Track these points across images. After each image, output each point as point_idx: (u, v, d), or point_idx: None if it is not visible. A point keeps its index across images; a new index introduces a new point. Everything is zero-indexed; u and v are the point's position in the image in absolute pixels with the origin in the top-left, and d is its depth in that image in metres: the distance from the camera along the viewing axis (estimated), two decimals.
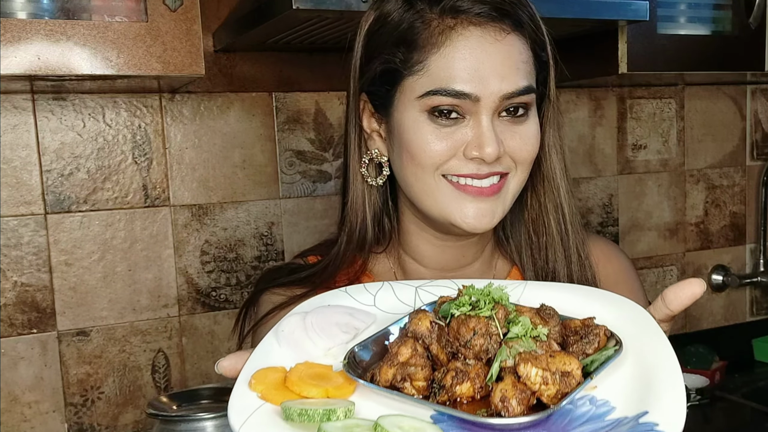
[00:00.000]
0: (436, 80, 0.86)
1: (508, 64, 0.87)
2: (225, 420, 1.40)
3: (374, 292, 0.80)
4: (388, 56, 0.89)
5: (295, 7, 1.22)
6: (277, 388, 0.65)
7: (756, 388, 2.08)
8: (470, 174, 0.88)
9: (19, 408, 1.55)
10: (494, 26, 0.87)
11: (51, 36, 1.22)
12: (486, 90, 0.86)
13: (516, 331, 0.65)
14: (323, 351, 0.72)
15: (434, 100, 0.87)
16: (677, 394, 0.61)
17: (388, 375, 0.66)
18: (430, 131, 0.88)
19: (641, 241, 2.16)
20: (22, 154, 1.52)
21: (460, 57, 0.86)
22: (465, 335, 0.66)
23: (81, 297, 1.58)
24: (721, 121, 2.24)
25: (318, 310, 0.76)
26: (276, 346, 0.70)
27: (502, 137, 0.88)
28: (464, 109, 0.87)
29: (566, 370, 0.62)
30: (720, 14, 1.81)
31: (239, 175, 1.69)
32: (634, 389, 0.63)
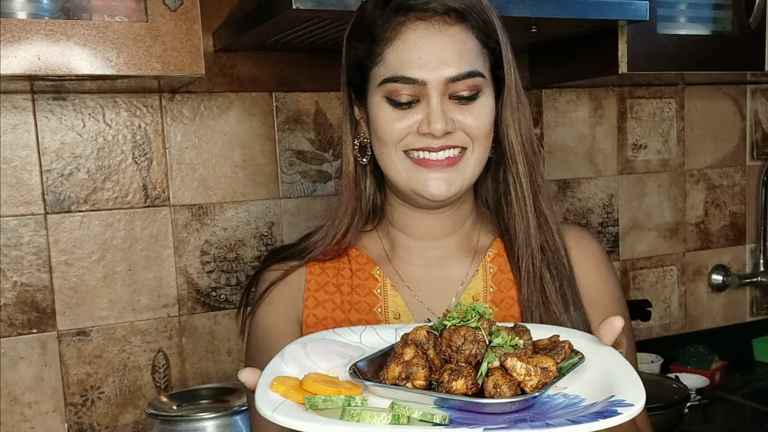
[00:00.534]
0: (391, 69, 0.99)
1: (451, 51, 0.98)
2: (225, 420, 1.41)
3: (359, 333, 0.94)
4: (356, 51, 1.04)
5: (295, 7, 1.23)
6: (295, 389, 0.76)
7: (756, 388, 2.08)
8: (423, 147, 1.00)
9: (19, 408, 1.55)
10: (438, 19, 0.99)
11: (51, 36, 1.22)
12: (432, 75, 0.98)
13: (498, 341, 0.79)
14: (324, 371, 0.83)
15: (390, 87, 1.00)
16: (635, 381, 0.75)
17: (395, 372, 0.78)
18: (389, 112, 1.01)
19: (641, 241, 2.16)
20: (22, 154, 1.52)
21: (408, 48, 0.99)
22: (456, 342, 0.78)
23: (81, 297, 1.58)
24: (721, 121, 2.24)
25: (316, 340, 0.88)
26: (283, 365, 0.82)
27: (452, 116, 1.00)
28: (417, 93, 0.99)
29: (545, 365, 0.76)
30: (720, 14, 1.81)
31: (239, 175, 1.69)
32: (599, 385, 0.77)
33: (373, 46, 1.01)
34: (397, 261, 1.12)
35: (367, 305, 1.10)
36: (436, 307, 1.09)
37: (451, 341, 0.79)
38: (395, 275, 1.11)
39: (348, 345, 0.90)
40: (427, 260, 1.11)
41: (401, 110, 1.00)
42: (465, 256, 1.12)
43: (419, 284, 1.10)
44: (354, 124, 1.10)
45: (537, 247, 1.06)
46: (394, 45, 0.99)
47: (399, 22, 0.99)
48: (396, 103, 1.00)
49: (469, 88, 1.00)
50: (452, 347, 0.79)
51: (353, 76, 1.06)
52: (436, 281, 1.10)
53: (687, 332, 2.24)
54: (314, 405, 0.73)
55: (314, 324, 1.10)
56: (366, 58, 1.02)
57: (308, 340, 0.89)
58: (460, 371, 0.76)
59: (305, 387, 0.77)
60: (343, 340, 0.91)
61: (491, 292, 1.10)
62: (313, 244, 1.12)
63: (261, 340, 1.10)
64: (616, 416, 0.69)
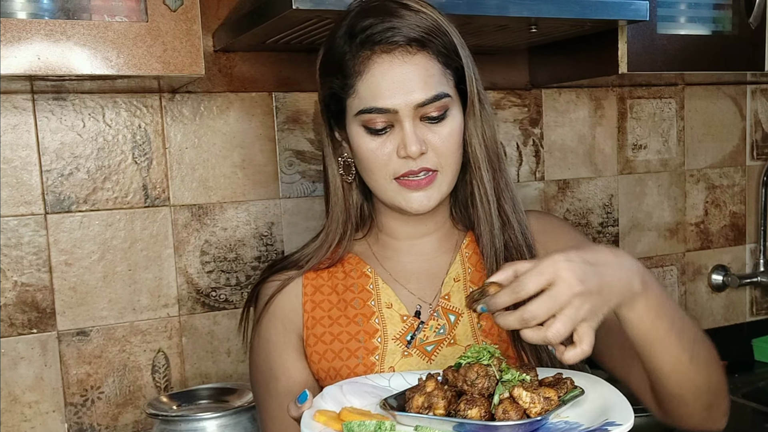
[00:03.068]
0: (363, 101, 1.07)
1: (416, 79, 1.06)
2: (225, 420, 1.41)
3: (388, 378, 1.06)
4: (330, 83, 1.12)
5: (295, 7, 1.22)
6: (334, 420, 0.90)
7: (756, 388, 2.08)
8: (408, 172, 1.08)
9: (19, 408, 1.55)
10: (401, 50, 1.06)
11: (51, 36, 1.22)
12: (401, 102, 1.06)
13: (508, 377, 0.90)
14: (358, 407, 0.96)
15: (364, 117, 1.08)
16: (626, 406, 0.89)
17: (419, 402, 0.90)
18: (368, 141, 1.09)
19: (641, 241, 2.16)
20: (22, 154, 1.52)
21: (376, 81, 1.06)
22: (471, 377, 0.90)
23: (81, 297, 1.58)
24: (721, 121, 2.24)
25: (350, 383, 1.02)
26: (322, 402, 0.95)
27: (425, 138, 1.08)
28: (390, 120, 1.07)
29: (547, 395, 0.87)
30: (720, 14, 1.81)
31: (239, 175, 1.69)
32: (596, 412, 0.90)
33: (345, 79, 1.09)
34: (387, 260, 1.21)
35: (362, 300, 1.18)
36: (425, 296, 1.19)
37: (466, 377, 0.90)
38: (385, 273, 1.20)
39: (378, 386, 1.03)
40: (414, 256, 1.21)
41: (378, 137, 1.09)
42: (446, 250, 1.21)
43: (408, 277, 1.19)
44: (336, 144, 1.18)
45: (501, 247, 1.15)
46: (363, 78, 1.07)
47: (366, 56, 1.07)
48: (372, 131, 1.09)
49: (437, 109, 1.08)
50: (467, 382, 0.90)
51: (331, 105, 1.14)
52: (423, 274, 1.20)
53: None
54: (350, 429, 0.86)
55: (313, 325, 1.18)
56: (340, 90, 1.10)
57: (344, 383, 1.03)
58: (475, 401, 0.87)
59: (342, 417, 0.90)
60: (373, 384, 1.04)
61: (469, 272, 1.20)
62: (308, 255, 1.20)
63: (263, 350, 1.20)
64: None
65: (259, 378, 1.20)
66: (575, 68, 1.84)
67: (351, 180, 1.18)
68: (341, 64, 1.09)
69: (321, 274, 1.21)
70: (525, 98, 1.97)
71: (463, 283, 1.19)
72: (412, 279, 1.19)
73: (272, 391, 1.16)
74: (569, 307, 0.84)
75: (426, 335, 1.15)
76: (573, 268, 0.85)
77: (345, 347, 1.15)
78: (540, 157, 2.00)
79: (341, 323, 1.16)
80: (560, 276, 0.85)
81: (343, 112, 1.12)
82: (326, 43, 1.14)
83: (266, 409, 1.19)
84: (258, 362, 1.20)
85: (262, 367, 1.19)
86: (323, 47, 1.15)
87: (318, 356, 1.16)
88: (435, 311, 1.17)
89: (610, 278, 0.89)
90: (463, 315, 1.17)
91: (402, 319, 1.17)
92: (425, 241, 1.21)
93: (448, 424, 0.87)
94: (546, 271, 0.85)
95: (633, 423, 0.84)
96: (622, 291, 0.91)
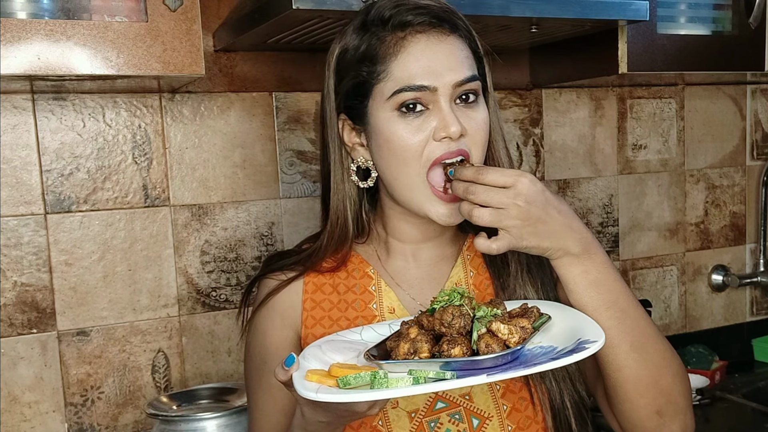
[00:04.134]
0: (399, 81, 1.04)
1: (453, 58, 1.05)
2: (225, 420, 1.41)
3: (359, 332, 1.08)
4: (355, 72, 1.07)
5: (295, 7, 1.23)
6: (326, 377, 0.91)
7: (756, 388, 2.08)
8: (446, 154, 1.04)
9: (19, 408, 1.55)
10: (436, 30, 1.05)
11: (51, 36, 1.22)
12: (440, 80, 1.03)
13: (480, 313, 0.95)
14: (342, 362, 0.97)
15: (401, 97, 1.04)
16: (593, 325, 0.96)
17: (404, 349, 0.93)
18: (403, 126, 1.05)
19: (641, 241, 2.16)
20: (22, 154, 1.52)
21: (414, 59, 1.04)
22: (447, 319, 0.93)
23: (81, 297, 1.58)
24: (721, 121, 2.24)
25: (327, 342, 1.05)
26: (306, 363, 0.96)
27: (460, 119, 1.05)
28: (426, 101, 1.04)
29: (522, 325, 0.93)
30: (720, 14, 1.81)
31: (239, 175, 1.69)
32: (566, 334, 0.96)
33: (375, 65, 1.05)
34: (390, 263, 1.19)
35: (363, 302, 1.17)
36: (427, 303, 1.16)
37: (442, 319, 0.94)
38: (388, 276, 1.18)
39: (353, 341, 1.05)
40: (418, 261, 1.19)
41: (414, 120, 1.05)
42: (449, 254, 1.20)
43: (411, 283, 1.18)
44: (344, 151, 1.14)
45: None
46: (399, 58, 1.04)
47: (399, 37, 1.04)
48: (409, 110, 1.04)
49: (473, 90, 1.06)
50: (444, 324, 0.93)
51: (351, 99, 1.09)
52: (426, 280, 1.18)
53: (687, 332, 2.24)
54: (347, 383, 0.89)
55: (313, 325, 1.17)
56: (368, 76, 1.06)
57: (321, 342, 1.04)
58: (456, 340, 0.91)
59: (333, 374, 0.92)
60: (348, 339, 1.06)
61: (471, 276, 1.19)
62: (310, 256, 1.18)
63: (258, 342, 1.18)
64: (584, 351, 0.88)
65: (253, 369, 1.19)
66: (576, 68, 1.84)
67: (368, 185, 1.14)
68: (368, 51, 1.06)
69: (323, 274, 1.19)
70: (526, 98, 1.97)
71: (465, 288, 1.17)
72: (414, 284, 1.18)
73: (264, 384, 1.16)
74: (503, 209, 0.96)
75: None
76: (531, 189, 0.96)
77: None
78: (540, 156, 2.00)
79: (341, 325, 1.15)
80: (516, 186, 0.96)
81: (365, 104, 1.08)
82: (342, 39, 1.11)
83: (256, 401, 1.18)
84: (252, 354, 1.19)
85: (256, 358, 1.18)
86: (339, 43, 1.11)
87: None
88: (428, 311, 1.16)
89: (552, 224, 0.98)
90: None
91: None
92: (429, 246, 1.19)
93: (435, 364, 0.90)
94: (510, 175, 0.96)
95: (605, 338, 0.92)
96: (557, 242, 1.00)
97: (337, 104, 1.12)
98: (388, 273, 1.18)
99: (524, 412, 1.12)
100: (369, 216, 1.19)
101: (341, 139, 1.13)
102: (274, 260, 1.23)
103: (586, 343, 0.90)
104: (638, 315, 1.05)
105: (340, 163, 1.14)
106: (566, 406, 1.12)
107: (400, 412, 1.10)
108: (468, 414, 1.11)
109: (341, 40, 1.11)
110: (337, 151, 1.14)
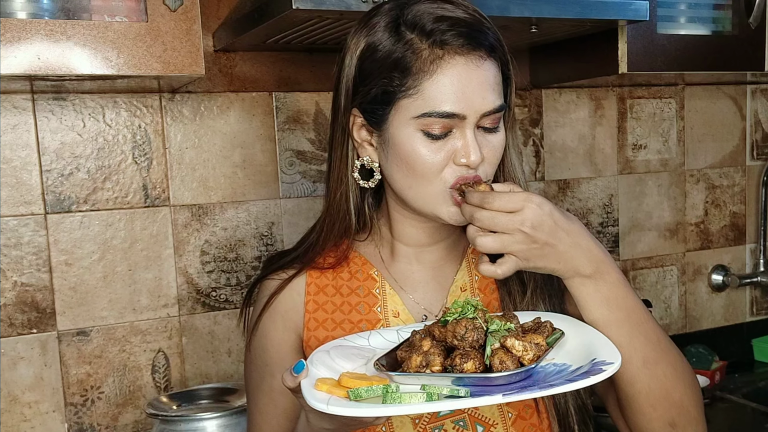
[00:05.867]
0: (429, 102, 1.01)
1: (486, 86, 1.02)
2: (225, 420, 1.41)
3: (367, 337, 1.07)
4: (384, 80, 1.03)
5: (295, 7, 1.23)
6: (336, 387, 0.90)
7: (756, 388, 2.08)
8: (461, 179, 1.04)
9: (19, 408, 1.55)
10: (474, 54, 1.02)
11: (51, 36, 1.22)
12: (471, 109, 1.01)
13: (494, 327, 0.93)
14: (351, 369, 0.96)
15: (428, 121, 1.01)
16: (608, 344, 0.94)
17: (416, 362, 0.91)
18: (425, 146, 1.03)
19: (641, 241, 2.16)
20: (22, 154, 1.52)
21: (448, 82, 1.01)
22: (460, 332, 0.92)
23: (81, 297, 1.58)
24: (721, 121, 2.24)
25: (335, 347, 1.02)
26: (314, 369, 0.95)
27: (480, 147, 1.04)
28: (452, 126, 1.03)
29: (536, 341, 0.91)
30: (720, 14, 1.81)
31: (239, 175, 1.69)
32: (580, 352, 0.94)
33: (405, 78, 1.01)
34: (394, 266, 1.17)
35: (367, 305, 1.15)
36: (432, 306, 1.16)
37: (455, 332, 0.92)
38: (392, 279, 1.16)
39: (361, 347, 1.04)
40: (422, 264, 1.17)
41: (436, 142, 1.03)
42: (453, 258, 1.18)
43: (415, 286, 1.16)
44: (351, 145, 1.11)
45: None
46: (433, 78, 1.01)
47: (437, 55, 1.01)
48: (431, 136, 1.02)
49: (495, 121, 1.05)
50: (457, 336, 0.92)
51: (373, 103, 1.05)
52: (430, 283, 1.17)
53: (687, 332, 2.24)
54: (358, 396, 0.87)
55: (315, 327, 1.15)
56: (397, 88, 1.02)
57: (329, 347, 1.02)
58: (468, 354, 0.90)
59: (343, 384, 0.90)
60: (355, 344, 1.05)
61: (476, 280, 1.17)
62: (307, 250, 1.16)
63: (260, 344, 1.17)
64: (602, 373, 0.86)
65: (254, 372, 1.18)
66: (575, 68, 1.84)
67: (371, 185, 1.11)
68: (402, 60, 1.01)
69: (325, 273, 1.16)
70: (525, 98, 1.97)
71: (470, 293, 1.16)
72: (418, 287, 1.16)
73: (265, 386, 1.15)
74: (509, 235, 0.95)
75: None
76: (537, 213, 0.95)
77: None
78: (540, 157, 2.00)
79: (345, 328, 1.14)
80: (523, 211, 0.95)
81: (386, 112, 1.04)
82: (371, 34, 1.05)
83: (257, 404, 1.17)
84: (254, 356, 1.18)
85: (257, 361, 1.17)
86: (366, 37, 1.05)
87: None
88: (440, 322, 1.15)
89: (561, 246, 0.97)
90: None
91: None
92: (434, 249, 1.17)
93: (447, 379, 0.89)
94: (518, 201, 0.96)
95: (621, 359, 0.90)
96: (566, 263, 0.98)
97: (354, 100, 1.07)
98: (392, 276, 1.16)
99: (529, 420, 1.11)
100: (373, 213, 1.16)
101: (350, 133, 1.10)
102: (274, 261, 1.21)
103: (602, 365, 0.88)
104: (650, 330, 1.04)
105: (345, 156, 1.11)
106: (570, 413, 1.12)
107: (404, 418, 1.09)
108: (472, 421, 1.10)
109: (370, 34, 1.05)
110: (345, 145, 1.11)
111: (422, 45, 1.01)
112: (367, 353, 1.01)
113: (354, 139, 1.10)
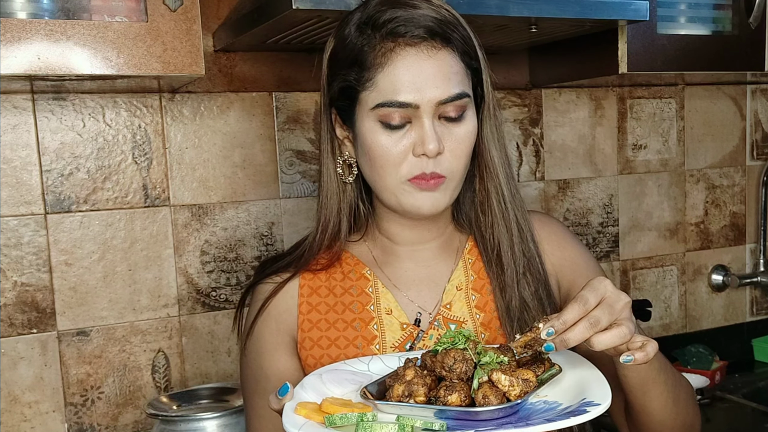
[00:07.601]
0: (383, 94, 1.04)
1: (440, 75, 1.03)
2: (225, 420, 1.41)
3: (367, 362, 1.06)
4: (344, 75, 1.07)
5: (295, 7, 1.22)
6: (315, 412, 0.90)
7: (756, 388, 2.08)
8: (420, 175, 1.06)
9: (19, 408, 1.55)
10: (426, 45, 1.04)
11: (51, 36, 1.22)
12: (423, 98, 1.03)
13: (486, 359, 0.90)
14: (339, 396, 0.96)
15: (383, 111, 1.04)
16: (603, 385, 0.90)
17: (399, 391, 0.90)
18: (385, 136, 1.05)
19: (641, 241, 2.16)
20: (22, 154, 1.52)
21: (400, 73, 1.03)
22: (448, 363, 0.90)
23: (81, 297, 1.58)
24: (721, 121, 2.24)
25: (330, 371, 1.02)
26: (303, 393, 0.95)
27: (441, 137, 1.05)
28: (409, 116, 1.04)
29: (525, 377, 0.88)
30: (720, 14, 1.80)
31: (239, 175, 1.69)
32: (574, 391, 0.91)
33: (362, 72, 1.05)
34: (386, 265, 1.18)
35: (360, 304, 1.16)
36: (426, 304, 1.16)
37: (444, 362, 0.91)
38: (385, 277, 1.17)
39: (358, 373, 1.03)
40: (415, 262, 1.18)
41: (395, 133, 1.05)
42: (448, 256, 1.19)
43: (408, 284, 1.17)
44: (335, 143, 1.14)
45: (520, 255, 1.15)
46: (385, 70, 1.04)
47: (388, 48, 1.04)
48: (389, 126, 1.05)
49: (457, 109, 1.06)
50: (445, 367, 0.90)
51: (340, 99, 1.10)
52: (423, 281, 1.17)
53: (687, 332, 2.24)
54: (332, 423, 0.86)
55: (309, 328, 1.16)
56: (356, 83, 1.06)
57: (324, 371, 1.02)
58: (454, 387, 0.88)
59: (323, 409, 0.90)
60: (353, 369, 1.04)
61: (472, 280, 1.18)
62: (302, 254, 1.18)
63: (255, 348, 1.18)
64: (585, 414, 0.83)
65: (249, 375, 1.18)
66: (575, 68, 1.84)
67: (350, 181, 1.15)
68: (359, 55, 1.05)
69: (318, 275, 1.18)
70: (525, 98, 1.97)
71: (465, 292, 1.16)
72: (412, 286, 1.17)
73: (261, 389, 1.15)
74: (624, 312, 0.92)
75: (425, 345, 1.13)
76: (607, 284, 0.93)
77: (342, 352, 1.13)
78: (540, 156, 2.00)
79: (338, 327, 1.14)
80: (608, 290, 0.92)
81: (353, 107, 1.08)
82: (337, 35, 1.10)
83: (253, 407, 1.18)
84: (249, 360, 1.18)
85: (252, 364, 1.17)
86: (333, 39, 1.11)
87: (314, 360, 1.14)
88: (435, 320, 1.15)
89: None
90: (465, 324, 1.15)
91: (401, 326, 1.14)
92: (426, 247, 1.18)
93: (429, 411, 0.87)
94: (600, 287, 0.92)
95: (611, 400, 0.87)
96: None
97: (329, 99, 1.12)
98: (385, 274, 1.17)
99: None
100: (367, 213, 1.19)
101: (334, 132, 1.14)
102: (267, 265, 1.22)
103: (589, 406, 0.85)
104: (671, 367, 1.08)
105: (331, 155, 1.15)
106: None
107: None
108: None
109: (338, 34, 1.10)
110: (329, 142, 1.15)
111: (376, 39, 1.04)
112: (364, 379, 1.00)
113: (336, 136, 1.14)
